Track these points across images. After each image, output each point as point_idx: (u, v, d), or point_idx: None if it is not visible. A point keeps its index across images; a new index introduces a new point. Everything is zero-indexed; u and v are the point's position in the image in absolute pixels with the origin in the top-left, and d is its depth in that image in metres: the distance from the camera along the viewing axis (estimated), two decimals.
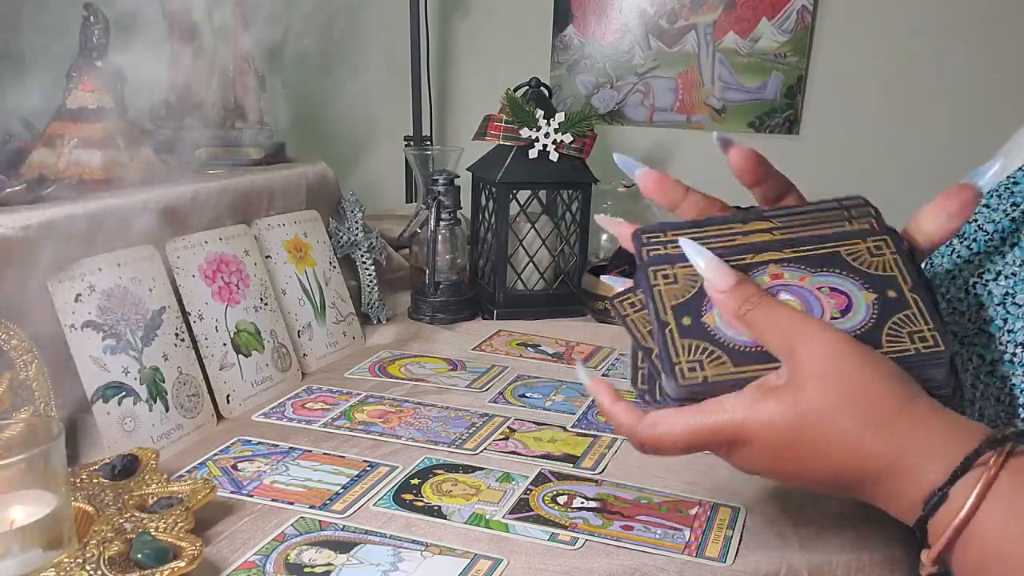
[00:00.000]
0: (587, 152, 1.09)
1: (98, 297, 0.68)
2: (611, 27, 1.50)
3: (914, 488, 0.39)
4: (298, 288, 0.91)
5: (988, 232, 0.58)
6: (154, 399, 0.69)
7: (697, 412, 0.43)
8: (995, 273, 0.56)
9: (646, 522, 0.58)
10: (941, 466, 0.38)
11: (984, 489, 0.36)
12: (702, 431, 0.43)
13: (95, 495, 0.55)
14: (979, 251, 0.58)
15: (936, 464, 0.38)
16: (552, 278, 1.11)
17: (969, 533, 0.37)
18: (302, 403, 0.80)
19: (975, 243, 0.59)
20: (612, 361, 0.94)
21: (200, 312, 0.77)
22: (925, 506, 0.38)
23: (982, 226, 0.59)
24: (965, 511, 0.36)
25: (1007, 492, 0.36)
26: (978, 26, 1.34)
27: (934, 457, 0.38)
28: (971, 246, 0.59)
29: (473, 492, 0.62)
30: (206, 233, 0.82)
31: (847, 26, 1.41)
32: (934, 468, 0.38)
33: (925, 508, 0.38)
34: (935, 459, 0.38)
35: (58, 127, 0.77)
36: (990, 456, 0.37)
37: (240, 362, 0.79)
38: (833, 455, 0.40)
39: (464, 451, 0.69)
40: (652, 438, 0.45)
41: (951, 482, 0.37)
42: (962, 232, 0.60)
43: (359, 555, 0.53)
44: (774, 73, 1.43)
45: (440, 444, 0.71)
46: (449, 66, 1.62)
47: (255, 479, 0.64)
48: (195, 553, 0.48)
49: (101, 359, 0.66)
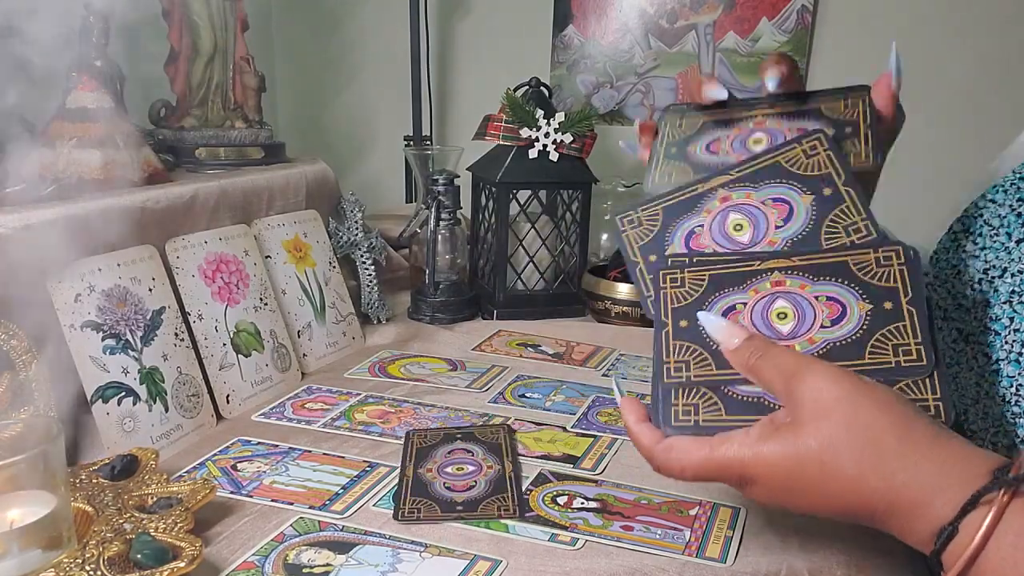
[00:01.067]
0: (587, 152, 1.09)
1: (98, 297, 0.68)
2: (611, 27, 1.50)
3: (924, 523, 0.39)
4: (298, 288, 0.91)
5: (994, 227, 0.57)
6: (154, 399, 0.69)
7: (706, 445, 0.44)
8: (1001, 270, 0.55)
9: (646, 522, 0.58)
10: (949, 501, 0.38)
11: (993, 524, 0.36)
12: (710, 464, 0.44)
13: (95, 495, 0.54)
14: (985, 247, 0.57)
15: (944, 498, 0.38)
16: (552, 278, 1.11)
17: (980, 566, 0.37)
18: (302, 403, 0.80)
19: (980, 238, 0.58)
20: (612, 361, 0.94)
21: (200, 312, 0.77)
22: (936, 540, 0.38)
23: (988, 221, 0.58)
24: (975, 544, 0.37)
25: (1016, 526, 0.36)
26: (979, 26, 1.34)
27: (941, 491, 0.38)
28: (976, 241, 0.58)
29: None
30: (206, 233, 0.82)
31: (847, 26, 1.40)
32: (943, 502, 0.38)
33: (936, 542, 0.38)
34: (943, 493, 0.38)
35: (58, 127, 0.77)
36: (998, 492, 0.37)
37: (240, 362, 0.79)
38: (835, 494, 0.40)
39: None
40: (665, 462, 0.46)
41: (960, 517, 0.37)
42: (967, 227, 0.59)
43: (358, 556, 0.53)
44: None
45: None
46: (449, 66, 1.62)
47: (255, 479, 0.64)
48: (194, 553, 0.48)
49: (101, 359, 0.66)
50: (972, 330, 0.56)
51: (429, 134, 1.56)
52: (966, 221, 0.60)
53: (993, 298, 0.55)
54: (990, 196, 0.59)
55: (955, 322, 0.58)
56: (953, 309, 0.58)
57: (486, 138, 1.09)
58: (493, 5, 1.57)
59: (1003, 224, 0.57)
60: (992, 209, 0.58)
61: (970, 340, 0.56)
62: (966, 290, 0.58)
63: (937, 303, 0.61)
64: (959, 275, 0.59)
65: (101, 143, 0.77)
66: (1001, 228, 0.57)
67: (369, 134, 1.68)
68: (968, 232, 0.59)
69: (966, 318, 0.57)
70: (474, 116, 1.13)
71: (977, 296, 0.56)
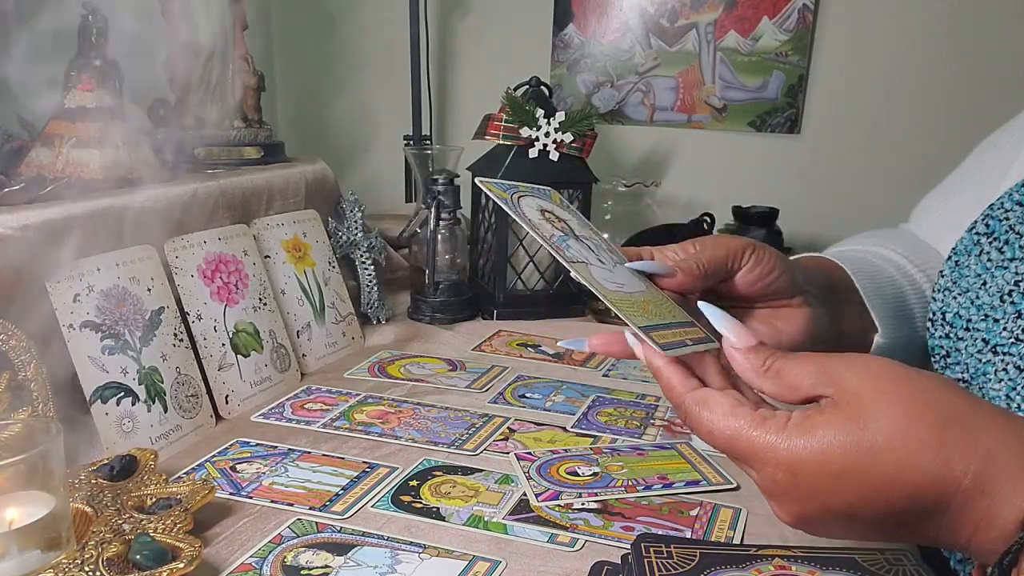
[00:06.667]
0: (587, 151, 1.09)
1: (96, 297, 0.67)
2: (611, 26, 1.50)
3: (1009, 510, 0.33)
4: (297, 288, 0.91)
5: (1020, 234, 0.53)
6: (153, 400, 0.69)
7: (743, 417, 0.39)
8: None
9: (647, 523, 0.58)
10: None
11: None
12: (741, 439, 0.38)
13: (93, 496, 0.54)
14: (1014, 257, 0.53)
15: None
16: (552, 278, 1.11)
17: None
18: (301, 404, 0.80)
19: (1008, 247, 0.54)
20: (613, 361, 0.93)
21: (199, 312, 0.77)
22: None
23: (1014, 227, 0.54)
24: None
25: None
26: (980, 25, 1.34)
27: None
28: (1004, 251, 0.54)
29: (472, 494, 0.62)
30: (205, 233, 0.82)
31: (848, 25, 1.40)
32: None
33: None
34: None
35: (56, 126, 0.77)
36: None
37: (239, 362, 0.79)
38: (907, 478, 0.34)
39: (464, 452, 0.69)
40: (695, 415, 0.41)
41: None
42: (992, 230, 0.55)
43: (356, 557, 0.53)
44: (775, 72, 1.43)
45: (440, 445, 0.70)
46: (449, 66, 1.62)
47: (254, 480, 0.64)
48: (194, 554, 0.48)
49: (99, 359, 0.66)
50: (1001, 341, 0.52)
51: (429, 134, 1.56)
52: (991, 224, 0.55)
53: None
54: (1017, 197, 0.54)
55: (980, 332, 0.54)
56: (979, 319, 0.54)
57: (486, 138, 1.09)
58: (493, 4, 1.57)
59: None
60: (1019, 212, 0.54)
61: (999, 351, 0.52)
62: (994, 301, 0.53)
63: (958, 313, 0.56)
64: (984, 285, 0.55)
65: (100, 143, 0.77)
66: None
67: (369, 133, 1.67)
68: (993, 237, 0.55)
69: (994, 328, 0.53)
70: (474, 116, 1.13)
71: (1007, 307, 0.52)
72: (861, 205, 1.43)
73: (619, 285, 0.45)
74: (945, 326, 0.57)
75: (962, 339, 0.56)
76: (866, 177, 1.45)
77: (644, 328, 0.42)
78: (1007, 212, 0.55)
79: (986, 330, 0.53)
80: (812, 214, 1.42)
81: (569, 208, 0.52)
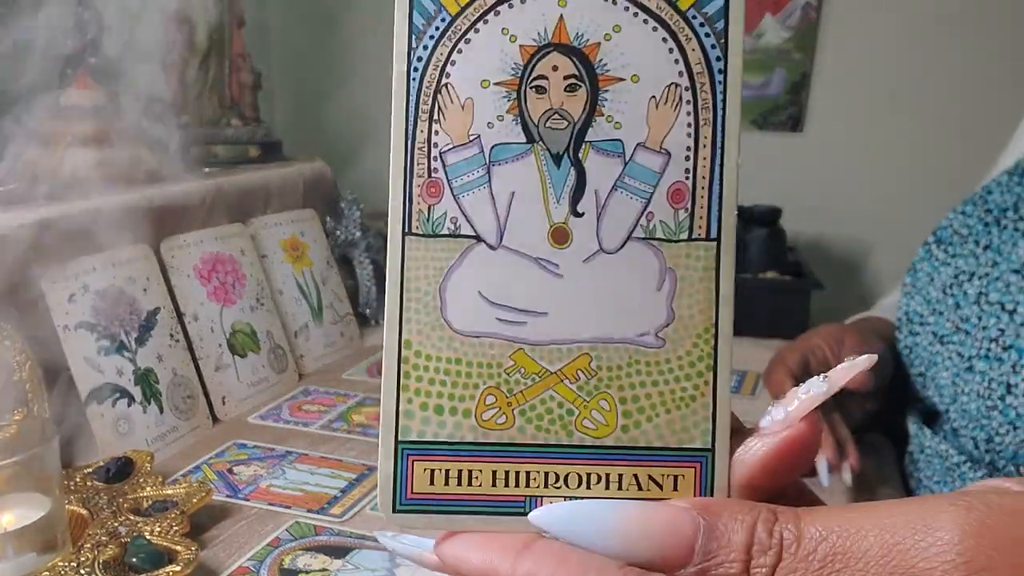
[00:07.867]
0: None
1: (92, 297, 0.67)
2: None
3: None
4: (295, 288, 0.91)
5: (963, 236, 0.61)
6: (148, 401, 0.69)
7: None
8: (969, 274, 0.59)
9: None
10: None
11: None
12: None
13: (89, 498, 0.54)
14: (955, 254, 0.61)
15: None
16: None
17: None
18: (299, 405, 0.79)
19: (951, 246, 0.62)
20: None
21: (195, 312, 0.76)
22: None
23: (957, 231, 0.62)
24: None
25: None
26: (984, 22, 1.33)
27: None
28: (947, 250, 0.62)
29: None
30: (201, 232, 0.81)
31: (852, 22, 1.40)
32: None
33: None
34: None
35: (52, 125, 0.76)
36: None
37: (236, 363, 0.79)
38: None
39: None
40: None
41: None
42: (939, 237, 0.64)
43: (354, 560, 0.53)
44: (778, 69, 1.43)
45: None
46: None
47: (251, 483, 0.63)
48: (190, 557, 0.48)
49: (95, 360, 0.65)
50: (945, 332, 0.59)
51: None
52: (939, 233, 0.64)
53: (963, 301, 0.58)
54: (960, 209, 0.63)
55: (930, 326, 0.61)
56: (928, 314, 0.61)
57: None
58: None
59: (971, 232, 0.61)
60: (961, 220, 0.62)
61: (944, 341, 0.59)
62: (939, 295, 0.61)
63: (914, 309, 0.64)
64: (932, 281, 0.62)
65: (96, 142, 0.76)
66: (969, 236, 0.61)
67: (367, 132, 1.67)
68: (940, 243, 0.63)
69: (940, 321, 0.60)
70: None
71: (948, 300, 0.59)
72: (865, 204, 1.43)
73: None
74: (907, 325, 0.64)
75: (918, 334, 0.63)
76: (869, 175, 1.44)
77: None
78: (951, 220, 0.63)
79: (934, 323, 0.61)
80: (815, 213, 1.41)
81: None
